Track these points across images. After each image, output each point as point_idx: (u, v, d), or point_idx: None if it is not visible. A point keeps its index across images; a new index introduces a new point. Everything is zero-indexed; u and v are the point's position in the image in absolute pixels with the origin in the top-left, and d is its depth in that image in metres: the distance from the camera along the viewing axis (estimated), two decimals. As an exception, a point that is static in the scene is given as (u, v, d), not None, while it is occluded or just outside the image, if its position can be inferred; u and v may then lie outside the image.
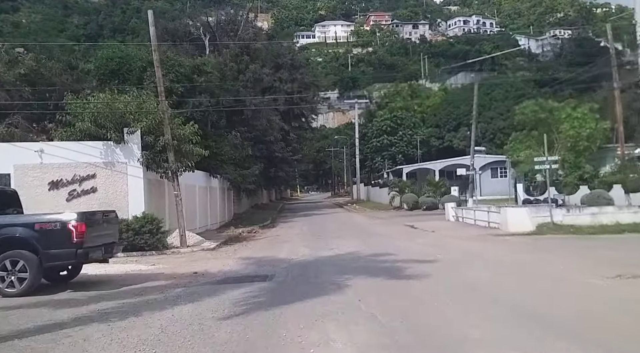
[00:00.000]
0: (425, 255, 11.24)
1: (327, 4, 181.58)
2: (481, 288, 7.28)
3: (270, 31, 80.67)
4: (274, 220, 30.85)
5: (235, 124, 29.18)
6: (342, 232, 19.41)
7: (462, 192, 31.50)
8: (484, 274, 8.60)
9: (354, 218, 28.66)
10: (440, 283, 7.86)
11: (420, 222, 21.14)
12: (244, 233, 21.47)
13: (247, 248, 14.92)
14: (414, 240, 14.96)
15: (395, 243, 14.08)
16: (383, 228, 20.24)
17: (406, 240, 15.07)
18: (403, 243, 14.16)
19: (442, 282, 7.92)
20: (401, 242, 14.60)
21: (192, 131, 15.97)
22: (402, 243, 14.00)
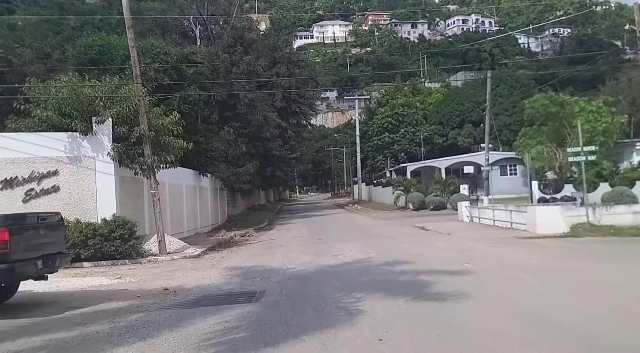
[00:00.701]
0: (449, 264, 9.20)
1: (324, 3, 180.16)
2: (555, 318, 5.16)
3: (268, 32, 78.72)
4: (271, 222, 28.81)
5: (229, 119, 27.16)
6: (345, 235, 17.37)
7: (472, 190, 29.51)
8: (542, 293, 6.52)
9: (357, 219, 26.62)
10: (489, 307, 5.81)
11: (431, 223, 19.12)
12: (236, 237, 19.42)
13: (236, 256, 12.86)
14: (430, 244, 12.92)
15: (409, 249, 12.03)
16: (390, 230, 18.19)
17: (421, 244, 13.02)
18: (418, 248, 12.11)
19: (490, 306, 5.87)
20: (415, 246, 12.56)
21: (172, 121, 13.92)
22: (418, 249, 11.95)
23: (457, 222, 19.76)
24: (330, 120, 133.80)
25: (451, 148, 51.63)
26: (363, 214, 31.03)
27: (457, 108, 50.94)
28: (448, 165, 38.51)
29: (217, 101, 26.06)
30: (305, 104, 37.86)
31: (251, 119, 27.79)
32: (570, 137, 33.64)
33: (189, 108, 20.83)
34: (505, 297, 6.32)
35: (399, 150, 50.48)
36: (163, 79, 20.32)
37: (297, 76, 36.82)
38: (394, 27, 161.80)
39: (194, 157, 21.71)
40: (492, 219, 17.28)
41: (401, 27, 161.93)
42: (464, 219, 19.88)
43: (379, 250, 11.91)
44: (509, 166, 38.53)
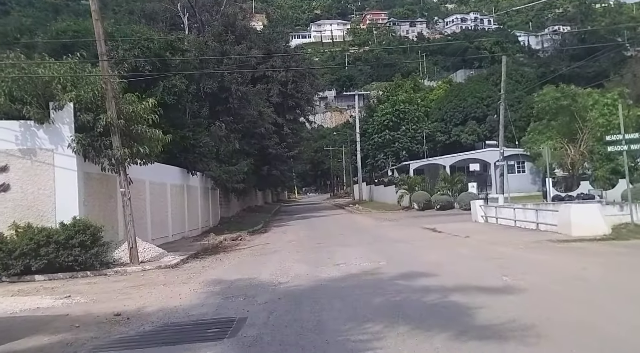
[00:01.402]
0: (482, 276, 7.30)
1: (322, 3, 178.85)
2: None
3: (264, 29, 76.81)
4: (267, 224, 26.89)
5: (220, 114, 25.22)
6: (348, 238, 15.45)
7: (480, 188, 27.65)
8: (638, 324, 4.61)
9: (359, 220, 24.70)
10: (579, 349, 3.87)
11: (442, 224, 17.22)
12: (225, 241, 17.49)
13: (220, 265, 10.92)
14: (449, 249, 11.00)
15: (426, 256, 10.11)
16: (398, 233, 16.27)
17: (438, 249, 11.10)
18: (436, 255, 10.19)
19: (579, 348, 3.93)
20: (432, 252, 10.64)
21: (147, 108, 11.98)
22: (436, 255, 10.03)
23: (471, 223, 17.85)
24: (328, 119, 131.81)
25: (454, 146, 49.73)
26: (365, 215, 29.11)
27: (460, 104, 49.03)
28: (453, 163, 36.60)
29: (207, 94, 24.14)
30: (303, 99, 35.94)
31: (244, 113, 25.86)
32: (582, 131, 31.83)
33: (174, 99, 18.89)
34: (592, 332, 4.38)
35: (400, 148, 48.55)
36: (144, 67, 18.41)
37: (294, 68, 34.92)
38: (392, 26, 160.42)
39: (180, 153, 19.83)
40: (512, 219, 15.38)
41: (399, 26, 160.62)
42: (478, 219, 17.97)
43: (389, 258, 9.99)
44: (516, 163, 36.65)
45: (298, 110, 36.05)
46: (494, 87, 48.40)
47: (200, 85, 23.85)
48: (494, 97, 47.79)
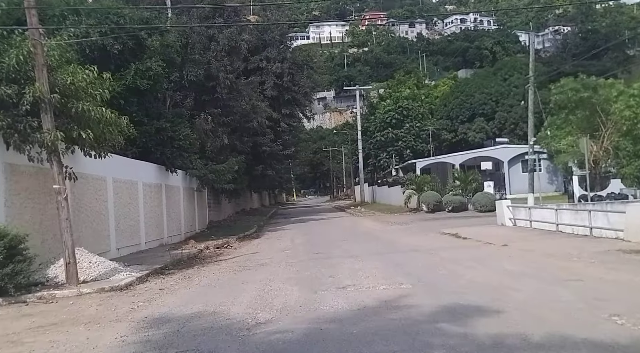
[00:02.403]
0: (577, 316, 4.59)
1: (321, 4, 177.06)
2: None
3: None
4: (260, 228, 24.13)
5: (206, 105, 22.51)
6: (353, 246, 12.71)
7: (498, 188, 24.95)
8: None
9: (364, 224, 21.92)
10: None
11: (463, 228, 14.51)
12: (207, 249, 14.73)
13: (185, 286, 8.15)
14: (491, 263, 8.25)
15: (465, 274, 7.36)
16: (413, 239, 13.53)
17: (477, 263, 8.34)
18: (479, 272, 7.44)
19: None
20: (471, 268, 7.89)
21: (94, 81, 9.23)
22: (480, 274, 7.28)
23: (497, 227, 15.12)
24: (328, 120, 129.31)
25: (460, 144, 47.07)
26: (369, 218, 26.34)
27: (467, 100, 46.34)
28: (462, 161, 33.89)
29: (192, 82, 21.40)
30: (300, 93, 33.23)
31: (234, 105, 23.13)
32: (604, 126, 29.12)
33: (148, 85, 16.16)
34: None
35: (403, 147, 45.80)
36: (112, 46, 15.70)
37: (290, 60, 32.28)
38: (391, 27, 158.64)
39: (156, 147, 17.08)
40: (551, 223, 12.65)
41: (399, 26, 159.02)
42: (505, 222, 15.23)
43: (414, 277, 7.25)
44: (532, 161, 33.87)
45: (295, 105, 33.33)
46: (502, 82, 45.78)
47: (183, 72, 21.14)
48: (504, 93, 45.20)
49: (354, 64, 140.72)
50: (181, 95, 21.70)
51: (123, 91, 15.62)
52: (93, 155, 10.29)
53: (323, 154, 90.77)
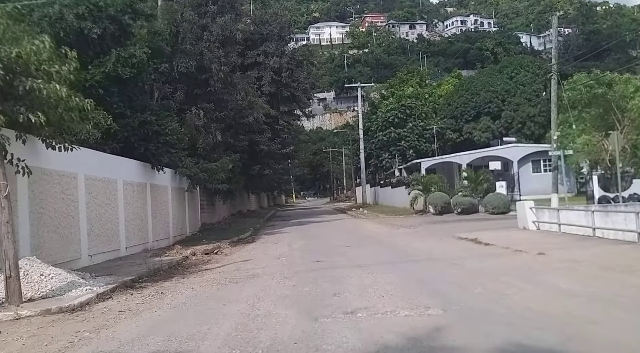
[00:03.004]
0: None
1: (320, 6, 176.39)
2: None
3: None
4: (256, 231, 22.53)
5: (198, 99, 20.92)
6: (359, 253, 11.11)
7: (510, 188, 23.37)
8: None
9: (368, 227, 20.29)
10: None
11: (479, 233, 12.92)
12: (194, 256, 13.12)
13: (152, 308, 6.51)
14: (534, 277, 6.64)
15: (510, 294, 5.73)
16: (427, 245, 11.91)
17: (516, 278, 6.70)
18: (532, 293, 5.80)
19: None
20: (513, 286, 6.26)
21: (50, 54, 7.61)
22: (530, 295, 5.66)
23: (520, 231, 13.50)
24: (328, 121, 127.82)
25: (465, 144, 45.52)
26: (372, 220, 24.70)
27: (472, 99, 44.77)
28: (470, 161, 32.28)
29: (182, 74, 19.85)
30: (300, 89, 31.63)
31: (228, 99, 21.53)
32: (620, 123, 27.58)
33: (131, 73, 14.58)
34: None
35: (406, 146, 44.18)
36: (91, 30, 14.13)
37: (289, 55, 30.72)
38: (391, 28, 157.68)
39: (140, 143, 15.47)
40: (587, 227, 11.04)
41: (399, 28, 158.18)
42: (528, 226, 13.61)
43: (444, 298, 5.64)
44: (542, 161, 32.32)
45: (294, 102, 31.74)
46: (509, 80, 44.24)
47: (173, 63, 19.58)
48: (510, 91, 43.66)
49: (354, 65, 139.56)
50: (171, 88, 20.13)
51: (102, 79, 14.06)
52: (57, 148, 8.73)
53: (323, 155, 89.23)
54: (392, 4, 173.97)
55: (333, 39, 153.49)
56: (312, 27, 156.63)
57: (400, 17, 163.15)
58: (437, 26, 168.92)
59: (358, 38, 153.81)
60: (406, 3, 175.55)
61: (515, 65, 46.15)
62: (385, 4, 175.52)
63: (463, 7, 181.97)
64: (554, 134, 19.89)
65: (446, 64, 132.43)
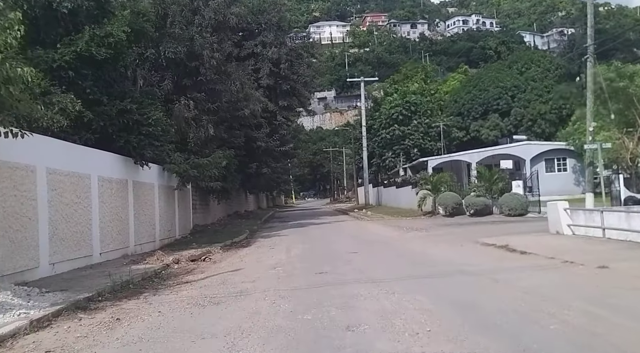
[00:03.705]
0: None
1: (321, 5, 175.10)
2: None
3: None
4: (253, 233, 20.76)
5: (188, 89, 19.12)
6: (369, 261, 9.33)
7: (528, 189, 21.60)
8: None
9: (374, 230, 18.48)
10: None
11: (506, 237, 11.16)
12: (178, 263, 11.34)
13: (93, 344, 4.71)
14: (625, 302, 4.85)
15: (603, 331, 3.97)
16: (450, 253, 10.11)
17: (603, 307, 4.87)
18: (631, 328, 4.02)
19: None
20: (602, 315, 4.48)
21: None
22: (635, 332, 3.87)
23: (555, 236, 11.70)
24: (328, 121, 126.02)
25: (472, 143, 43.73)
26: (378, 222, 22.90)
27: (480, 95, 42.95)
28: (480, 159, 30.53)
29: (170, 61, 18.06)
30: (300, 82, 29.87)
31: (221, 90, 19.73)
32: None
33: (107, 54, 12.78)
34: None
35: (411, 145, 42.37)
36: (60, 4, 12.38)
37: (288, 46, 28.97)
38: (393, 28, 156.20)
39: (119, 134, 13.66)
40: (636, 231, 9.27)
41: (400, 27, 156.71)
42: (562, 230, 11.81)
43: (510, 338, 3.87)
44: (556, 160, 30.55)
45: (294, 96, 29.94)
46: (519, 75, 42.43)
47: (160, 48, 17.80)
48: (520, 87, 41.86)
49: (355, 63, 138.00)
50: (158, 76, 18.36)
51: (73, 60, 12.27)
52: (4, 134, 7.01)
53: (323, 155, 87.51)
54: (392, 4, 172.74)
55: (333, 38, 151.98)
56: (313, 26, 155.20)
57: (401, 17, 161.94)
58: (438, 26, 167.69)
59: (359, 37, 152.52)
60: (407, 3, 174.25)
61: (525, 60, 44.36)
62: (386, 3, 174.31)
63: (464, 8, 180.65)
64: (589, 125, 18.07)
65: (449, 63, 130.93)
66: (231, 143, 22.81)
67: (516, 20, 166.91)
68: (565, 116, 39.20)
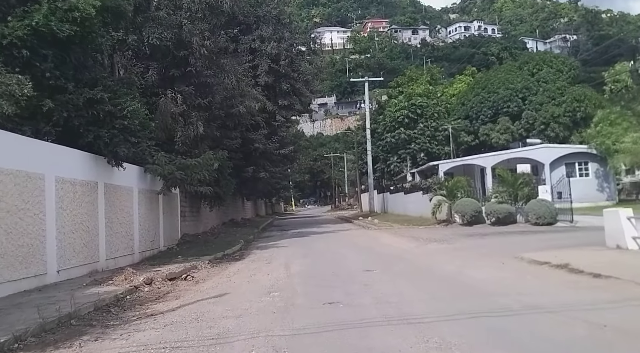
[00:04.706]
0: None
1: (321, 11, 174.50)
2: None
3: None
4: (248, 244, 18.57)
5: (176, 81, 16.99)
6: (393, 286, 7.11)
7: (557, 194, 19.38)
8: None
9: (385, 241, 16.22)
10: None
11: (555, 252, 9.00)
12: (149, 285, 9.11)
13: None
14: None
15: None
16: (495, 275, 7.88)
17: None
18: None
19: None
20: None
21: None
22: None
23: (619, 251, 9.44)
24: (328, 127, 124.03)
25: (480, 147, 41.63)
26: (388, 231, 20.64)
27: (489, 98, 40.84)
28: (494, 164, 28.34)
29: (155, 48, 15.96)
30: (301, 81, 27.77)
31: (213, 83, 17.59)
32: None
33: (72, 32, 10.65)
34: None
35: (417, 149, 40.17)
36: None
37: (288, 41, 26.92)
38: (394, 34, 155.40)
39: (88, 127, 11.47)
40: None
41: (401, 33, 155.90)
42: (625, 244, 9.58)
43: None
44: (577, 164, 28.36)
45: (294, 95, 27.81)
46: (530, 76, 40.38)
47: (143, 33, 15.70)
48: (531, 88, 39.79)
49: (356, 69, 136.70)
50: (142, 67, 16.23)
51: (28, 36, 10.13)
52: None
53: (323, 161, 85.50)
54: (393, 10, 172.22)
55: (334, 44, 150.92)
56: (313, 32, 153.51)
57: (402, 23, 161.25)
58: (440, 32, 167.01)
59: (360, 43, 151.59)
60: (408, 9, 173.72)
61: (537, 61, 42.34)
62: (387, 9, 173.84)
63: (466, 14, 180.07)
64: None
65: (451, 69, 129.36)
66: (225, 144, 20.68)
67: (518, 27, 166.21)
68: (579, 119, 37.16)
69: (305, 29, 34.75)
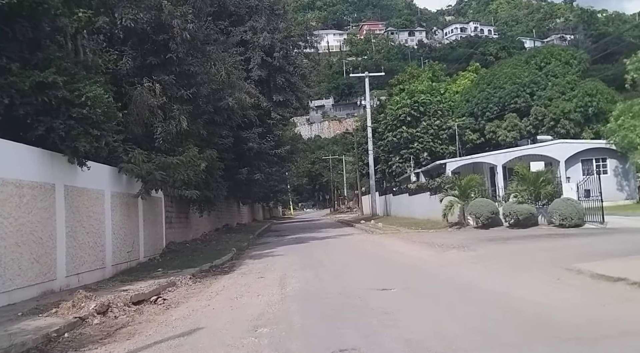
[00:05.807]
0: None
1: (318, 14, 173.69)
2: None
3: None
4: (241, 252, 16.56)
5: (154, 70, 14.98)
6: (422, 314, 5.14)
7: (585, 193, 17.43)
8: None
9: (394, 248, 14.20)
10: None
11: (612, 263, 7.08)
12: (106, 313, 7.08)
13: None
14: None
15: None
16: (561, 297, 5.92)
17: None
18: None
19: None
20: None
21: None
22: None
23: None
24: (326, 129, 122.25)
25: (487, 145, 39.74)
26: (395, 236, 18.61)
27: (495, 93, 38.96)
28: (505, 162, 26.44)
29: (130, 31, 14.00)
30: (297, 74, 25.84)
31: (197, 71, 15.60)
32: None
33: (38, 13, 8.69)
34: None
35: (420, 149, 38.29)
36: None
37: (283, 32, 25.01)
38: (390, 36, 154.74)
39: (38, 118, 9.44)
40: None
41: (398, 35, 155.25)
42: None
43: None
44: (595, 161, 26.46)
45: (290, 90, 25.86)
46: (538, 70, 38.57)
47: (116, 15, 13.74)
48: (540, 83, 37.96)
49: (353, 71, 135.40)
50: (116, 53, 14.25)
51: None
52: None
53: (322, 164, 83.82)
54: (389, 12, 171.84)
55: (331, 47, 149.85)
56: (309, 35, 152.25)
57: (398, 25, 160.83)
58: (436, 34, 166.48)
59: (356, 45, 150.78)
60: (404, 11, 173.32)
61: (544, 54, 40.53)
62: (382, 12, 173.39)
63: (462, 16, 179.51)
64: None
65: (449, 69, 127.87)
66: (216, 143, 18.71)
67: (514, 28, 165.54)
68: (591, 115, 35.37)
69: (302, 21, 32.64)
